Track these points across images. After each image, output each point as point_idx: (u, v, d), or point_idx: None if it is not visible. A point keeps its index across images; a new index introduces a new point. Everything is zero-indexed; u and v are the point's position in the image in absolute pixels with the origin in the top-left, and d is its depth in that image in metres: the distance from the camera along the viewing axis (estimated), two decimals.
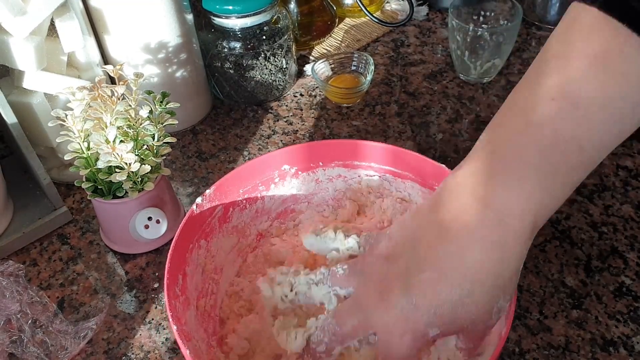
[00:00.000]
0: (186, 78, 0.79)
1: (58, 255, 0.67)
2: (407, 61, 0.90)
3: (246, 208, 0.60)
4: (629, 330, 0.56)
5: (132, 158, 0.58)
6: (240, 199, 0.59)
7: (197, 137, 0.81)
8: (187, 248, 0.54)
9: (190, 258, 0.54)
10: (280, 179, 0.61)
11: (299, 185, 0.62)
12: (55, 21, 0.64)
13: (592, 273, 0.61)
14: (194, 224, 0.55)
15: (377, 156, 0.60)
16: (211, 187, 0.56)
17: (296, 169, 0.61)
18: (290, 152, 0.60)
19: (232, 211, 0.59)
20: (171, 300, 0.49)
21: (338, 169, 0.62)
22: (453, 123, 0.79)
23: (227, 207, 0.58)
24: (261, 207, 0.62)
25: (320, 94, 0.86)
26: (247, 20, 0.78)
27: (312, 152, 0.61)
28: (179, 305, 0.50)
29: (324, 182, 0.63)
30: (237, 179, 0.59)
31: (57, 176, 0.74)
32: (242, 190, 0.59)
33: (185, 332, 0.47)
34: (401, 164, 0.59)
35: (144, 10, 0.71)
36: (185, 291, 0.52)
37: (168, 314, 0.48)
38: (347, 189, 0.63)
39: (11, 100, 0.64)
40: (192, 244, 0.55)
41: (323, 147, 0.61)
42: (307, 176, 0.62)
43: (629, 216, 0.66)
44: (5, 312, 0.55)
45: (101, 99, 0.57)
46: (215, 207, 0.57)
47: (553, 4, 0.92)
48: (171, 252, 0.51)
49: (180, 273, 0.52)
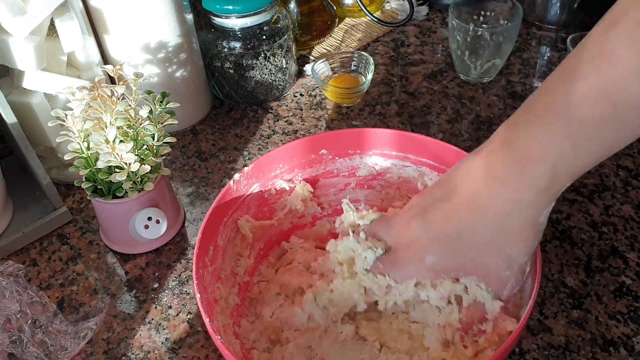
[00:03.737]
0: (186, 78, 0.78)
1: (58, 255, 0.67)
2: (407, 61, 0.90)
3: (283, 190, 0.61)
4: (629, 330, 0.56)
5: (132, 158, 0.58)
6: (276, 181, 0.60)
7: (197, 137, 0.81)
8: (222, 221, 0.55)
9: (224, 231, 0.55)
10: (317, 163, 0.61)
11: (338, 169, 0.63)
12: (55, 21, 0.64)
13: (593, 273, 0.61)
14: (231, 198, 0.56)
15: (415, 148, 0.60)
16: (249, 165, 0.57)
17: (333, 154, 0.61)
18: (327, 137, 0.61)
19: (266, 191, 0.60)
20: (199, 269, 0.50)
21: (375, 157, 0.62)
22: (453, 123, 0.79)
23: (262, 186, 0.59)
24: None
25: (320, 94, 0.86)
26: (247, 20, 0.78)
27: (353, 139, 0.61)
28: (207, 276, 0.51)
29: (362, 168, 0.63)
30: (275, 159, 0.59)
31: (57, 176, 0.74)
32: (278, 171, 0.60)
33: (209, 302, 0.48)
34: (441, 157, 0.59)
35: (144, 10, 0.71)
36: (215, 262, 0.53)
37: (194, 281, 0.48)
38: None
39: (11, 100, 0.64)
40: (227, 218, 0.56)
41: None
42: (343, 162, 0.62)
43: (629, 216, 0.66)
44: (5, 312, 0.55)
45: (101, 99, 0.57)
46: (251, 185, 0.58)
47: (553, 4, 0.92)
48: (206, 220, 0.52)
49: (211, 244, 0.53)
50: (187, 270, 0.65)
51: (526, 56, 0.89)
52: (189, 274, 0.64)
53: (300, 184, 0.61)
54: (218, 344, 0.45)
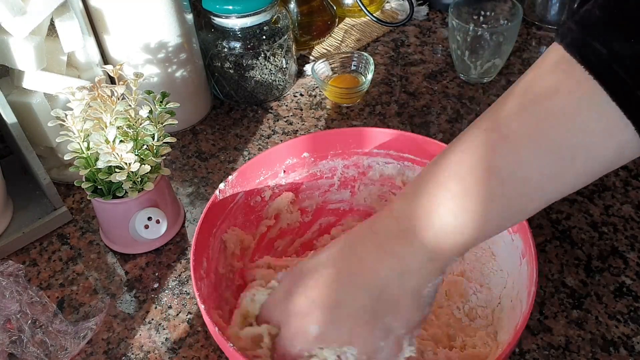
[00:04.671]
0: (186, 78, 0.78)
1: (58, 255, 0.67)
2: (407, 61, 0.90)
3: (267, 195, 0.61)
4: (629, 330, 0.56)
5: (132, 158, 0.58)
6: (262, 187, 0.60)
7: (197, 137, 0.81)
8: (211, 232, 0.55)
9: (214, 243, 0.55)
10: (300, 167, 0.61)
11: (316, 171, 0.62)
12: (55, 21, 0.64)
13: (593, 273, 0.61)
14: (217, 209, 0.56)
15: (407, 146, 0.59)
16: (233, 174, 0.57)
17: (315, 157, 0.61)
18: (306, 140, 0.60)
19: (252, 199, 0.59)
20: (197, 281, 0.50)
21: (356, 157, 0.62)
22: (453, 123, 0.79)
23: (247, 194, 0.59)
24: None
25: (320, 94, 0.86)
26: (247, 20, 0.78)
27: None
28: (204, 288, 0.51)
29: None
30: (259, 165, 0.59)
31: (57, 176, 0.74)
32: (262, 178, 0.59)
33: (211, 314, 0.48)
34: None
35: (144, 10, 0.71)
36: (210, 273, 0.53)
37: (196, 295, 0.48)
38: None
39: (11, 100, 0.64)
40: (216, 228, 0.56)
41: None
42: (325, 164, 0.62)
43: (629, 216, 0.66)
44: (5, 312, 0.55)
45: (101, 99, 0.57)
46: (237, 193, 0.58)
47: (553, 4, 0.92)
48: (197, 233, 0.52)
49: (204, 256, 0.53)
50: (187, 270, 0.65)
51: (526, 56, 0.89)
52: (189, 274, 0.64)
53: (284, 192, 0.61)
54: (230, 352, 0.44)
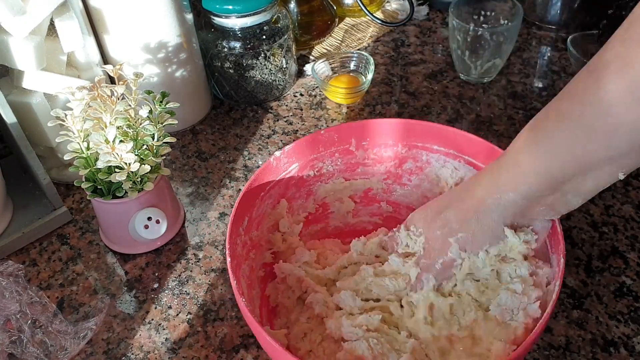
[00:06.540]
0: (186, 78, 0.78)
1: (58, 256, 0.67)
2: (407, 61, 0.90)
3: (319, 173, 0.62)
4: (630, 330, 0.56)
5: (132, 158, 0.58)
6: (315, 164, 0.61)
7: (196, 137, 0.81)
8: (258, 195, 0.56)
9: (260, 205, 0.57)
10: (357, 149, 0.62)
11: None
12: (55, 21, 0.64)
13: (593, 273, 0.61)
14: (269, 174, 0.57)
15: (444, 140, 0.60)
16: (291, 144, 0.58)
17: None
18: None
19: (304, 173, 0.60)
20: (232, 235, 0.51)
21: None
22: (453, 123, 0.79)
23: (302, 167, 0.60)
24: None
25: (320, 94, 0.86)
26: (247, 20, 0.78)
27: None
28: (240, 244, 0.53)
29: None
30: (316, 142, 0.59)
31: (57, 176, 0.74)
32: (317, 155, 0.60)
33: (236, 269, 0.50)
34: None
35: (144, 10, 0.71)
36: (249, 233, 0.55)
37: (226, 247, 0.50)
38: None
39: (11, 100, 0.64)
40: (264, 192, 0.57)
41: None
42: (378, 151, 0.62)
43: (630, 216, 0.66)
44: (5, 312, 0.55)
45: (101, 99, 0.57)
46: (291, 164, 0.59)
47: (553, 4, 0.92)
48: (244, 191, 0.54)
49: (247, 214, 0.55)
50: (187, 270, 0.65)
51: (526, 56, 0.89)
52: (189, 274, 0.64)
53: (337, 178, 0.63)
54: (241, 305, 0.46)
